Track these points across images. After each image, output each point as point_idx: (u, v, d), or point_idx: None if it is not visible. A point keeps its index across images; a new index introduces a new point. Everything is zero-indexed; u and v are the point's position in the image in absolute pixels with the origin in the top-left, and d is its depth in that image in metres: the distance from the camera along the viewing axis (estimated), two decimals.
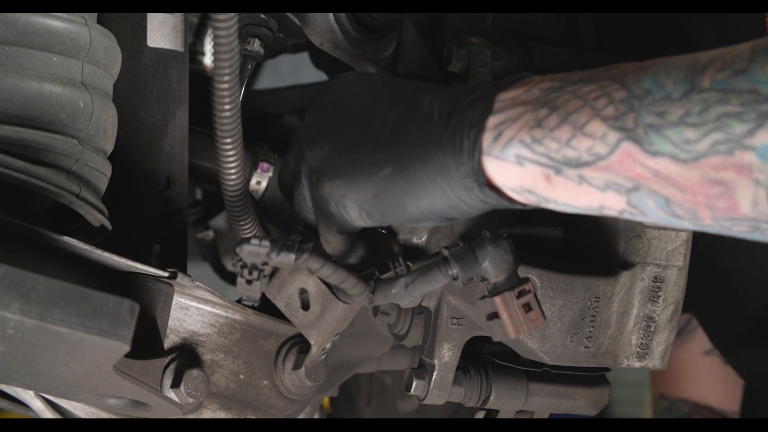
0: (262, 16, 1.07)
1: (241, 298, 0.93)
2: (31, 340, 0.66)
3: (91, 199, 0.82)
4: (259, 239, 0.75)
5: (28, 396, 0.91)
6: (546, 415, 1.07)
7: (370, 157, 0.74)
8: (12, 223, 0.76)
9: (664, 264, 0.98)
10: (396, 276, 0.80)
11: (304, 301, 0.86)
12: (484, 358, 1.01)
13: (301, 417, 1.15)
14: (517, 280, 0.79)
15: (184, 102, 0.99)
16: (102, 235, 0.89)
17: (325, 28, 1.03)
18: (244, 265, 0.78)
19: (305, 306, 0.86)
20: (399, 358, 1.22)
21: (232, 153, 0.80)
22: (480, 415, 1.05)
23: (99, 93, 0.83)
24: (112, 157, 0.88)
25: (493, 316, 0.80)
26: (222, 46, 0.72)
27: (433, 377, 0.95)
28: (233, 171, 0.81)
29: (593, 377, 1.02)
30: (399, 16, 0.98)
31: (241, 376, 0.97)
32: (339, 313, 0.85)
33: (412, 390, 0.96)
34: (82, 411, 0.91)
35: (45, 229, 0.78)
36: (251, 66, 1.08)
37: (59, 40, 0.79)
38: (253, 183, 1.10)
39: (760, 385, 1.44)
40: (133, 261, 0.85)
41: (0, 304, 0.62)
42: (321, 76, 1.40)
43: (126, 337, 0.69)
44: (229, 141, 0.79)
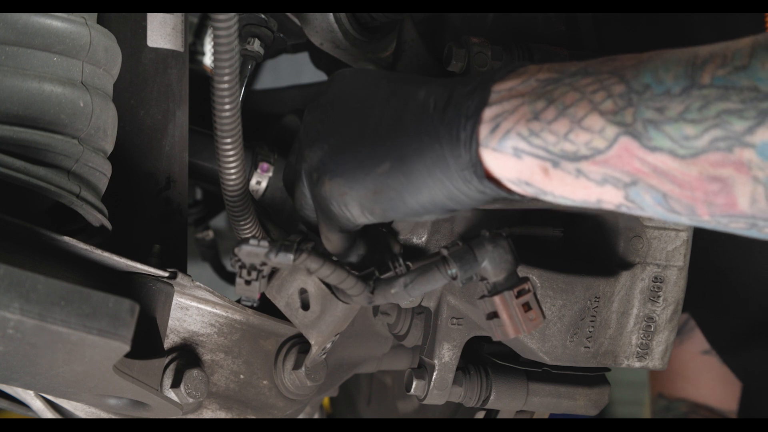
0: (262, 16, 1.07)
1: (240, 298, 0.93)
2: (31, 340, 0.66)
3: (91, 199, 0.82)
4: (257, 239, 0.75)
5: (28, 396, 0.91)
6: (546, 415, 1.07)
7: (368, 153, 0.74)
8: (12, 223, 0.76)
9: (664, 264, 0.98)
10: (395, 276, 0.80)
11: (304, 301, 0.86)
12: (484, 358, 1.01)
13: (301, 417, 1.15)
14: (516, 280, 0.79)
15: (184, 102, 0.99)
16: (102, 235, 0.89)
17: (325, 28, 1.03)
18: (242, 266, 0.78)
19: (305, 306, 0.86)
20: (399, 358, 1.22)
21: (232, 153, 0.80)
22: (480, 415, 1.05)
23: (99, 93, 0.83)
24: (112, 157, 0.88)
25: (493, 315, 0.80)
26: (222, 46, 0.72)
27: (433, 377, 0.95)
28: (233, 171, 0.81)
29: (593, 377, 1.02)
30: (399, 16, 0.98)
31: (241, 376, 0.97)
32: (339, 313, 0.85)
33: (412, 390, 0.96)
34: (82, 411, 0.91)
35: (45, 229, 0.78)
36: (251, 66, 1.08)
37: (59, 40, 0.79)
38: (253, 183, 1.10)
39: (758, 385, 1.44)
40: (133, 261, 0.85)
41: (0, 304, 0.62)
42: (321, 76, 1.39)
43: (126, 337, 0.69)
44: (229, 141, 0.79)
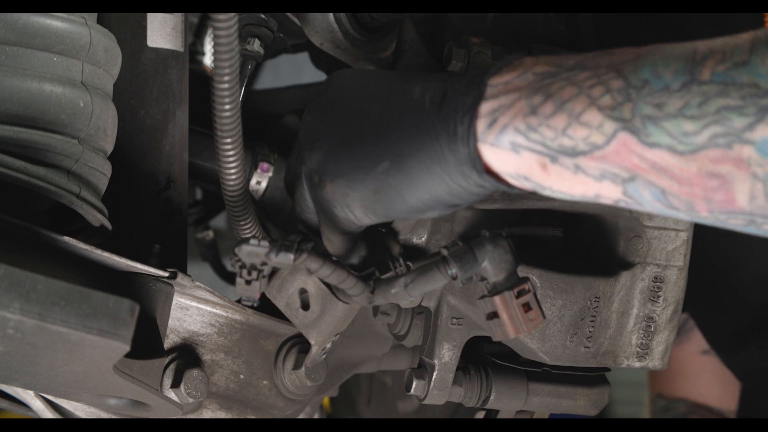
0: (262, 16, 1.07)
1: (240, 298, 0.93)
2: (31, 340, 0.66)
3: (91, 199, 0.82)
4: (258, 239, 0.75)
5: (28, 396, 0.91)
6: (546, 415, 1.07)
7: (367, 153, 0.74)
8: (12, 223, 0.76)
9: (664, 264, 0.98)
10: (395, 276, 0.80)
11: (304, 301, 0.86)
12: (484, 358, 1.01)
13: (301, 417, 1.15)
14: (516, 280, 0.79)
15: (184, 102, 0.99)
16: (102, 235, 0.89)
17: (325, 28, 1.03)
18: (243, 266, 0.78)
19: (305, 306, 0.86)
20: (399, 358, 1.22)
21: (232, 153, 0.80)
22: (480, 415, 1.05)
23: (99, 93, 0.83)
24: (112, 157, 0.88)
25: (493, 315, 0.80)
26: (222, 46, 0.72)
27: (433, 377, 0.95)
28: (233, 171, 0.81)
29: (593, 377, 1.02)
30: (399, 16, 0.98)
31: (241, 376, 0.97)
32: (339, 313, 0.85)
33: (412, 390, 0.96)
34: (82, 411, 0.91)
35: (45, 229, 0.78)
36: (251, 66, 1.08)
37: (59, 40, 0.79)
38: (253, 183, 1.10)
39: (757, 385, 1.44)
40: (133, 261, 0.85)
41: (0, 304, 0.62)
42: (321, 76, 1.39)
43: (126, 337, 0.69)
44: (229, 141, 0.79)
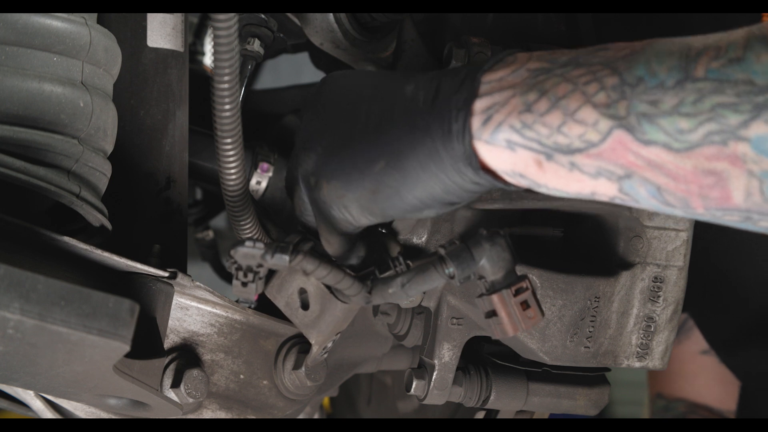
0: (262, 16, 1.07)
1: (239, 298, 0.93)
2: (31, 340, 0.66)
3: (91, 199, 0.82)
4: (253, 241, 0.75)
5: (28, 396, 0.91)
6: (546, 415, 1.07)
7: (362, 153, 0.74)
8: (12, 223, 0.76)
9: (664, 264, 0.98)
10: (392, 275, 0.80)
11: (304, 301, 0.86)
12: (484, 358, 1.01)
13: (301, 417, 1.15)
14: (514, 278, 0.79)
15: (184, 102, 0.99)
16: (102, 235, 0.89)
17: (325, 28, 1.03)
18: (239, 268, 0.78)
19: (305, 306, 0.86)
20: (399, 358, 1.22)
21: (232, 153, 0.80)
22: (480, 415, 1.05)
23: (99, 93, 0.83)
24: (112, 157, 0.88)
25: (491, 314, 0.80)
26: (222, 46, 0.72)
27: (433, 377, 0.95)
28: (233, 171, 0.81)
29: (593, 377, 1.02)
30: (399, 16, 0.98)
31: (241, 376, 0.97)
32: (338, 313, 0.85)
33: (412, 390, 0.96)
34: (82, 411, 0.91)
35: (45, 229, 0.78)
36: (251, 66, 1.08)
37: (59, 40, 0.79)
38: (253, 183, 1.10)
39: (757, 385, 1.44)
40: (133, 261, 0.85)
41: (0, 304, 0.62)
42: (321, 76, 1.38)
43: (126, 337, 0.69)
44: (229, 141, 0.79)
